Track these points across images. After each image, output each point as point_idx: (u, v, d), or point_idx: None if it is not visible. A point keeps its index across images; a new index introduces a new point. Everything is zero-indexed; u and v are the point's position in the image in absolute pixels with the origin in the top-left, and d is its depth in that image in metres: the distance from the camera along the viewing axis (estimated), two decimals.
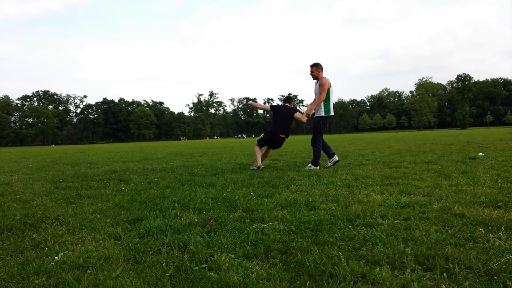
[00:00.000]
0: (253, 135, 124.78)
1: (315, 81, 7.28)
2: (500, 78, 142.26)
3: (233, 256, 2.29)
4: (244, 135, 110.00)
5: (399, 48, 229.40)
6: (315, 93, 7.31)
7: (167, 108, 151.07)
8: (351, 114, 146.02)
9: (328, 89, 7.02)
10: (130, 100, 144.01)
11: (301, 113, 7.40)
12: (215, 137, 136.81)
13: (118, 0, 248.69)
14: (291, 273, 2.00)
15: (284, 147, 18.71)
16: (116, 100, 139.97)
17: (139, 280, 1.98)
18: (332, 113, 7.28)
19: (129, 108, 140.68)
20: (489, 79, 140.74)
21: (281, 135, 7.45)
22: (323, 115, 7.16)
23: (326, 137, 7.92)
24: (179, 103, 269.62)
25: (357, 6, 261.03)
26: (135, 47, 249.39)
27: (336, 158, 7.20)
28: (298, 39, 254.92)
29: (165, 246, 2.53)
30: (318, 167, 7.00)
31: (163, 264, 2.20)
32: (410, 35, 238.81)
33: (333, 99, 7.27)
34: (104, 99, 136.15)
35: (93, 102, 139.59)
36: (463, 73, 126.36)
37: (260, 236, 2.62)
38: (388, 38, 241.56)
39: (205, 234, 2.75)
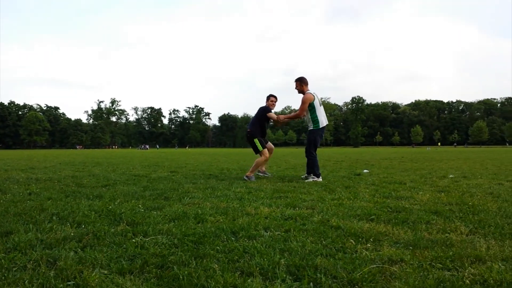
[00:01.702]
0: (158, 146, 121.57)
1: (301, 95, 7.28)
2: (389, 101, 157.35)
3: (105, 272, 2.18)
4: (147, 146, 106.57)
5: (303, 68, 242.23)
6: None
7: (63, 114, 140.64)
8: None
9: (312, 103, 7.09)
10: (21, 104, 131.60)
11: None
12: (114, 146, 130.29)
13: None
14: (163, 287, 1.96)
15: (184, 159, 18.51)
16: (6, 103, 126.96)
17: None
18: (322, 124, 7.28)
19: (20, 112, 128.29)
20: (380, 102, 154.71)
21: (248, 129, 7.69)
22: (312, 128, 7.23)
23: (228, 151, 7.98)
24: (77, 110, 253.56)
25: (270, 25, 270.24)
26: (29, 46, 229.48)
27: (310, 178, 7.09)
28: (209, 50, 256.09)
29: (32, 262, 2.32)
30: (320, 178, 7.02)
31: (26, 282, 2.01)
32: (312, 56, 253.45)
33: (321, 109, 7.32)
34: None
35: None
36: (357, 96, 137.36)
37: (139, 251, 2.52)
38: (294, 57, 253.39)
39: (79, 249, 2.58)
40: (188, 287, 1.94)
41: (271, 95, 7.77)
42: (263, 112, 7.64)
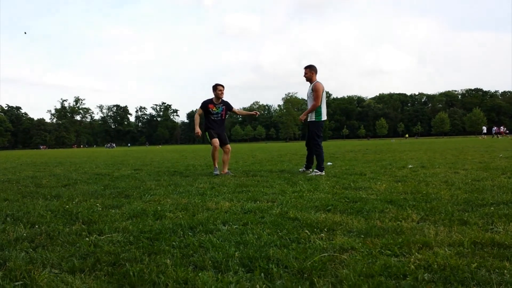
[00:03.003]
0: (129, 144, 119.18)
1: (308, 83, 7.19)
2: (354, 95, 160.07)
3: (56, 271, 2.14)
4: (114, 144, 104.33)
5: (269, 64, 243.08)
6: (307, 96, 7.22)
7: (25, 113, 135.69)
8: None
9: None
10: None
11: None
12: (81, 146, 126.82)
13: None
14: (114, 285, 1.94)
15: (150, 156, 18.27)
16: None
17: None
18: (324, 117, 7.21)
19: None
20: (346, 96, 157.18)
21: None
22: (314, 119, 7.13)
23: (195, 147, 7.94)
24: (39, 109, 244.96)
25: (230, 21, 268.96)
26: None
27: (310, 171, 7.13)
28: (173, 48, 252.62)
29: None
30: (323, 172, 6.92)
31: None
32: (279, 53, 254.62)
33: (324, 103, 7.23)
34: None
35: None
36: (326, 91, 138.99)
37: (92, 249, 2.49)
38: (258, 54, 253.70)
39: (31, 250, 2.52)
40: (138, 283, 1.94)
41: (217, 84, 7.64)
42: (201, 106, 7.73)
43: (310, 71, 7.20)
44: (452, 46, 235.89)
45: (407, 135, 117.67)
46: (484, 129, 54.45)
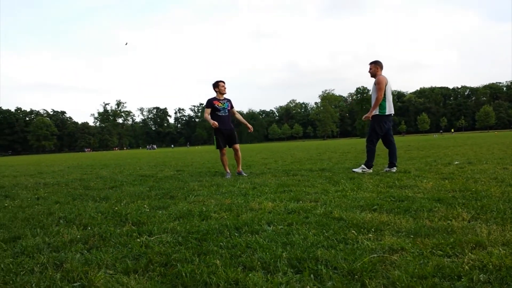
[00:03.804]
0: (172, 146, 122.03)
1: (373, 79, 7.05)
2: (394, 90, 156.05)
3: (111, 272, 2.23)
4: (155, 146, 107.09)
5: (304, 62, 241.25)
6: (372, 92, 7.10)
7: (70, 118, 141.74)
8: (261, 124, 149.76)
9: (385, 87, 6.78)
10: (28, 110, 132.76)
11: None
12: (116, 148, 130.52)
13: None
14: (167, 285, 2.00)
15: (190, 157, 18.60)
16: (12, 110, 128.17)
17: None
18: (388, 111, 6.90)
19: (27, 118, 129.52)
20: None
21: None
22: (377, 113, 6.88)
23: (240, 147, 7.99)
24: (83, 113, 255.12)
25: (263, 22, 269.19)
26: (30, 52, 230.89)
27: (393, 169, 6.88)
28: (209, 50, 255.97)
29: (39, 265, 2.38)
30: (371, 170, 6.85)
31: (33, 284, 2.07)
32: (313, 50, 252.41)
33: (390, 96, 6.94)
34: None
35: None
36: (361, 86, 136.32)
37: (143, 250, 2.57)
38: (293, 52, 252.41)
39: (85, 251, 2.64)
40: (190, 283, 1.99)
41: (219, 81, 7.57)
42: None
43: (375, 66, 6.99)
44: (494, 37, 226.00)
45: (452, 130, 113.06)
46: None
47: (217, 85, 7.56)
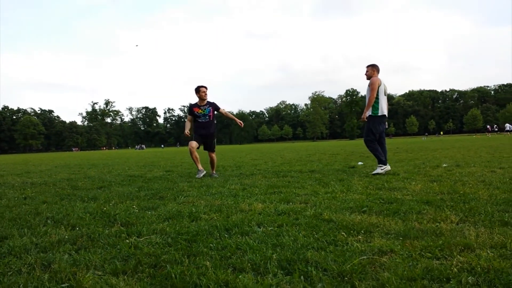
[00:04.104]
0: (162, 146, 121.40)
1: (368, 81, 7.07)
2: None
3: (100, 273, 2.20)
4: (144, 146, 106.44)
5: (296, 63, 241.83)
6: (366, 94, 7.11)
7: (58, 117, 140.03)
8: (251, 125, 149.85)
9: (378, 88, 6.83)
10: (15, 108, 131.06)
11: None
12: (103, 148, 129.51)
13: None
14: (156, 286, 1.99)
15: (180, 158, 18.51)
16: None
17: None
18: (382, 112, 6.92)
19: (14, 117, 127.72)
20: None
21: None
22: (371, 114, 6.94)
23: (223, 148, 7.98)
24: (71, 112, 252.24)
25: (256, 22, 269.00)
26: (19, 51, 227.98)
27: (388, 167, 6.93)
28: (200, 50, 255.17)
29: (26, 266, 2.35)
30: (387, 164, 6.84)
31: (21, 285, 2.05)
32: (303, 52, 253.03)
33: (383, 98, 6.92)
34: None
35: None
36: (351, 88, 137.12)
37: (132, 251, 2.55)
38: (283, 53, 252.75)
39: (74, 252, 2.60)
40: (180, 285, 1.97)
41: (200, 86, 7.58)
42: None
43: (372, 69, 7.05)
44: (483, 41, 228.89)
45: (441, 132, 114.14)
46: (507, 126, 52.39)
47: (198, 91, 7.59)
